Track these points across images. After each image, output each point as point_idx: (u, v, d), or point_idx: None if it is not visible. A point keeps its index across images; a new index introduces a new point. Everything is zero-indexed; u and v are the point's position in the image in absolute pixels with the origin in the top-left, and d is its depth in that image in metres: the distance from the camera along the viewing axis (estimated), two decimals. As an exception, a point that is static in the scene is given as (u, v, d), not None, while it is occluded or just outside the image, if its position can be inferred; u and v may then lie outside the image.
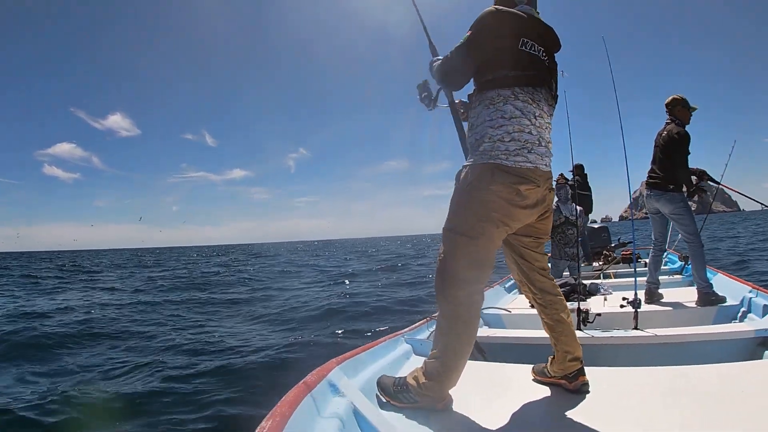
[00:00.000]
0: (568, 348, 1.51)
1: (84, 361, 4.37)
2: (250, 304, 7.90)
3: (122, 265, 26.44)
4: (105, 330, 5.64)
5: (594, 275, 4.96)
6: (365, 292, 8.65)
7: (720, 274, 3.63)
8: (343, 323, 5.69)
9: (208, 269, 18.91)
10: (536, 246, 1.55)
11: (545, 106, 1.45)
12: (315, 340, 4.72)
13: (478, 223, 1.34)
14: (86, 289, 11.34)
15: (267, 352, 4.27)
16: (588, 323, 2.40)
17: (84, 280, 14.74)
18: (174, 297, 9.12)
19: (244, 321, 6.33)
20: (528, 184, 1.35)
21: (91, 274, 18.31)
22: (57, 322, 6.19)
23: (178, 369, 3.88)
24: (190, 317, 6.69)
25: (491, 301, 3.36)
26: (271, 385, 3.24)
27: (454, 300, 1.36)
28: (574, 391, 1.50)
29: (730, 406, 1.32)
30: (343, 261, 21.42)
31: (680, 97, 3.31)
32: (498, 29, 1.39)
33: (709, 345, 2.08)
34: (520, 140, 1.36)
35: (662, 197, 3.25)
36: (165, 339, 5.11)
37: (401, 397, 1.44)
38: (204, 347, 4.63)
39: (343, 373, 1.49)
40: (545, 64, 1.46)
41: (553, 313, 1.52)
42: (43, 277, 15.80)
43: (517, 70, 1.39)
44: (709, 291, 3.00)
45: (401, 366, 1.89)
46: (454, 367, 1.39)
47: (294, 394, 1.23)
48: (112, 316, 6.76)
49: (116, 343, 5.07)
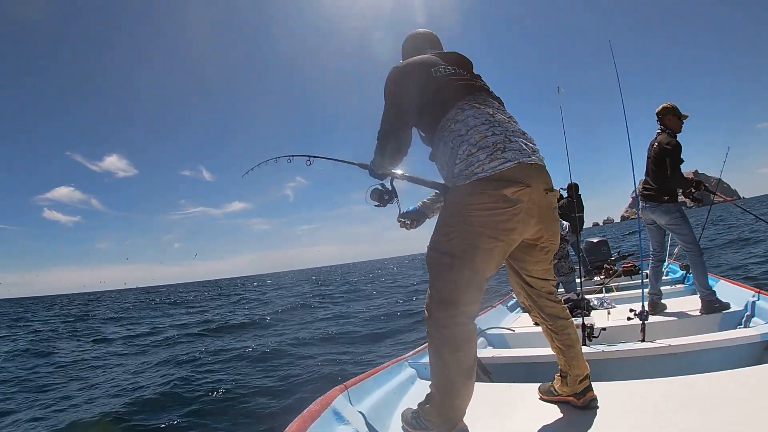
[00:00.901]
0: (579, 371, 1.49)
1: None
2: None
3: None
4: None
5: (596, 289, 4.94)
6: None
7: (722, 280, 3.62)
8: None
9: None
10: (546, 272, 1.49)
11: (495, 103, 1.42)
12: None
13: (462, 241, 1.25)
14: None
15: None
16: (594, 338, 2.37)
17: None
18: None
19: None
20: (513, 187, 1.22)
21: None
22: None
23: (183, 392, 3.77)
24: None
25: (494, 321, 3.32)
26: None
27: (437, 322, 1.26)
28: (582, 407, 1.47)
29: (740, 412, 1.30)
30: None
31: (671, 105, 3.29)
32: (407, 75, 1.44)
33: (715, 352, 2.06)
34: (488, 145, 1.26)
35: (657, 209, 3.26)
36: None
37: (415, 423, 1.41)
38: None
39: (347, 401, 1.46)
40: (467, 77, 1.45)
41: (565, 339, 1.48)
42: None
43: (446, 91, 1.38)
44: (712, 298, 2.98)
45: (406, 391, 1.86)
46: (449, 391, 1.29)
47: (298, 425, 1.20)
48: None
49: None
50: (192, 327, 9.79)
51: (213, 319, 11.08)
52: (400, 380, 1.90)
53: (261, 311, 11.83)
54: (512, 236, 1.28)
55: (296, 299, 14.71)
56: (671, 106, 3.29)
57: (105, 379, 5.35)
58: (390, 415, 1.60)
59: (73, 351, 7.96)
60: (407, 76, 1.44)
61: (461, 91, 1.38)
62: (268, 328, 8.48)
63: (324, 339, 6.56)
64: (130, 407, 3.90)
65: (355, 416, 1.39)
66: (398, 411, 1.61)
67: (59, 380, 5.55)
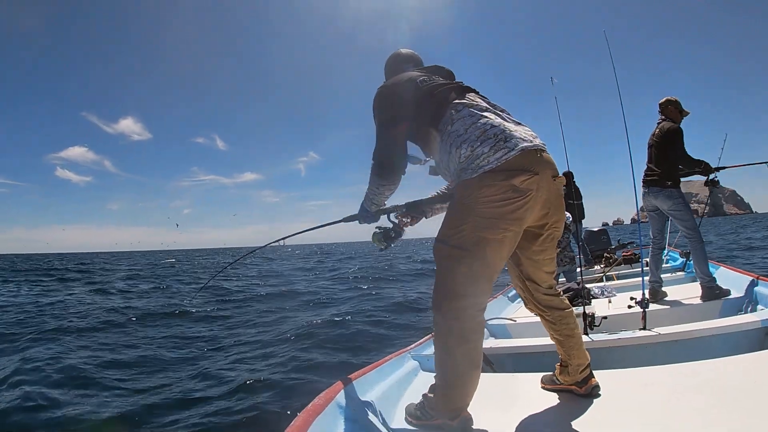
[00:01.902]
0: (580, 361, 1.51)
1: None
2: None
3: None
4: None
5: (596, 278, 4.96)
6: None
7: (722, 267, 3.63)
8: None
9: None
10: (547, 264, 1.48)
11: (486, 99, 1.44)
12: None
13: (472, 233, 1.24)
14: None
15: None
16: (595, 327, 2.39)
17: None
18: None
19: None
20: (522, 176, 1.22)
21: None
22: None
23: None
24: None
25: (496, 311, 3.33)
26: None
27: (446, 314, 1.27)
28: (585, 395, 1.49)
29: (743, 398, 1.31)
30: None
31: (674, 99, 3.40)
32: (394, 92, 1.47)
33: (716, 339, 2.07)
34: (490, 136, 1.26)
35: (660, 194, 3.27)
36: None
37: (420, 414, 1.42)
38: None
39: (351, 394, 1.47)
40: (453, 82, 1.49)
41: (563, 329, 1.50)
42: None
43: (438, 96, 1.40)
44: (712, 285, 3.00)
45: (409, 383, 1.87)
46: (454, 383, 1.31)
47: (302, 419, 1.21)
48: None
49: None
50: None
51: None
52: (404, 372, 1.91)
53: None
54: (522, 225, 1.29)
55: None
56: (674, 99, 3.39)
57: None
58: (394, 407, 1.61)
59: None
60: (395, 92, 1.47)
61: (452, 94, 1.41)
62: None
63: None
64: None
65: (360, 409, 1.40)
66: (402, 403, 1.62)
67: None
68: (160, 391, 3.91)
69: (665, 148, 3.26)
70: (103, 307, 8.07)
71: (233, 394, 3.82)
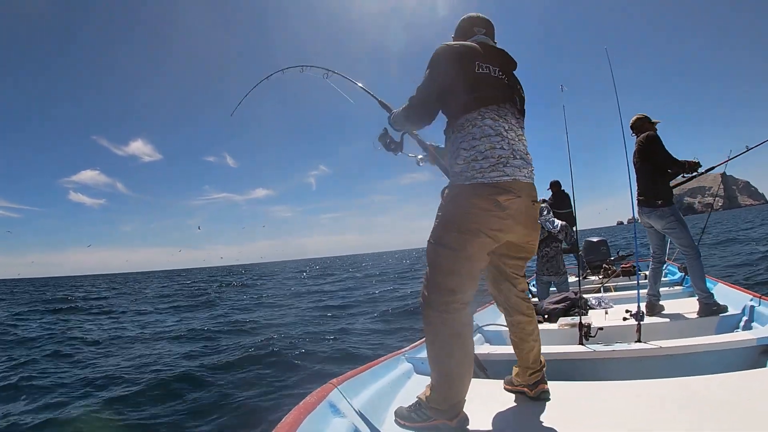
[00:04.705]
0: (531, 365, 1.62)
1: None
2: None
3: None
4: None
5: (594, 289, 4.94)
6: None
7: (720, 283, 3.62)
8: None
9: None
10: (521, 270, 1.63)
11: (513, 120, 1.51)
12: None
13: (460, 236, 1.38)
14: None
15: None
16: (590, 337, 2.38)
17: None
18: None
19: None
20: (507, 195, 1.38)
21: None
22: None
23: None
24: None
25: (491, 317, 3.33)
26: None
27: (438, 307, 1.37)
28: (534, 398, 1.59)
29: (734, 415, 1.31)
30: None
31: (642, 115, 3.50)
32: (453, 60, 1.50)
33: (711, 355, 2.06)
34: (494, 157, 1.40)
35: (652, 214, 3.27)
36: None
37: (415, 416, 1.43)
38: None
39: (343, 394, 1.47)
40: (504, 82, 1.54)
41: (519, 332, 1.63)
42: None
43: (478, 92, 1.47)
44: (710, 301, 2.99)
45: (402, 385, 1.87)
46: (451, 378, 1.37)
47: (293, 417, 1.21)
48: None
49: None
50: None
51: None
52: (397, 374, 1.91)
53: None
54: (499, 235, 1.43)
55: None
56: (643, 115, 3.50)
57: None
58: (386, 409, 1.61)
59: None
60: (454, 59, 1.49)
61: (490, 98, 1.47)
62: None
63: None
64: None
65: (351, 409, 1.40)
66: (394, 405, 1.62)
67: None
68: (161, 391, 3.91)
69: (648, 161, 3.28)
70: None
71: (224, 391, 3.82)
